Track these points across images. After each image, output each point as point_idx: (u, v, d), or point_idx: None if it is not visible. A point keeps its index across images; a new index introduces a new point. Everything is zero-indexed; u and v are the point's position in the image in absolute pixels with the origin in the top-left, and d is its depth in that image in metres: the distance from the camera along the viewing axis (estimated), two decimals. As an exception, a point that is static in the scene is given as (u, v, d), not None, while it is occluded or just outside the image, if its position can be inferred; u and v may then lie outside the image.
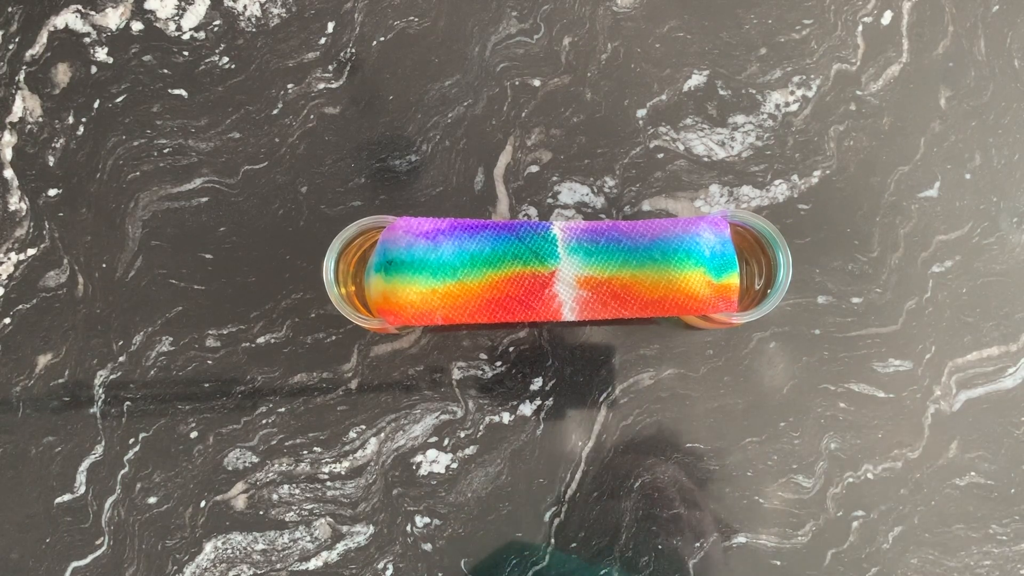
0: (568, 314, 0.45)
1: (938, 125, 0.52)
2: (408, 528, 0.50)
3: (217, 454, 0.50)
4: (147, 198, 0.51)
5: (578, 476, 0.51)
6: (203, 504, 0.50)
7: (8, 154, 0.51)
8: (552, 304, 0.45)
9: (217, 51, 0.52)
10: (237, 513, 0.50)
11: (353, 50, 0.52)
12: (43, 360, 0.51)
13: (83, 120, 0.51)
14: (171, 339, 0.51)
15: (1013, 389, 0.51)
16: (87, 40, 0.52)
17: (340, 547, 0.50)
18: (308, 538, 0.50)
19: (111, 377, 0.51)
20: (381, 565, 0.50)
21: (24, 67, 0.52)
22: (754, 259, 0.47)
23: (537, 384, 0.51)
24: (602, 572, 0.50)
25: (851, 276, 0.51)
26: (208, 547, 0.50)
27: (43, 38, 0.52)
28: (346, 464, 0.50)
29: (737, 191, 0.51)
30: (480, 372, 0.51)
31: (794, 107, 0.52)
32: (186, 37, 0.52)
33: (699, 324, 0.49)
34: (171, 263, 0.51)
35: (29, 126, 0.51)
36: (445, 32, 0.52)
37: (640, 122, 0.52)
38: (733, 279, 0.44)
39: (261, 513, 0.50)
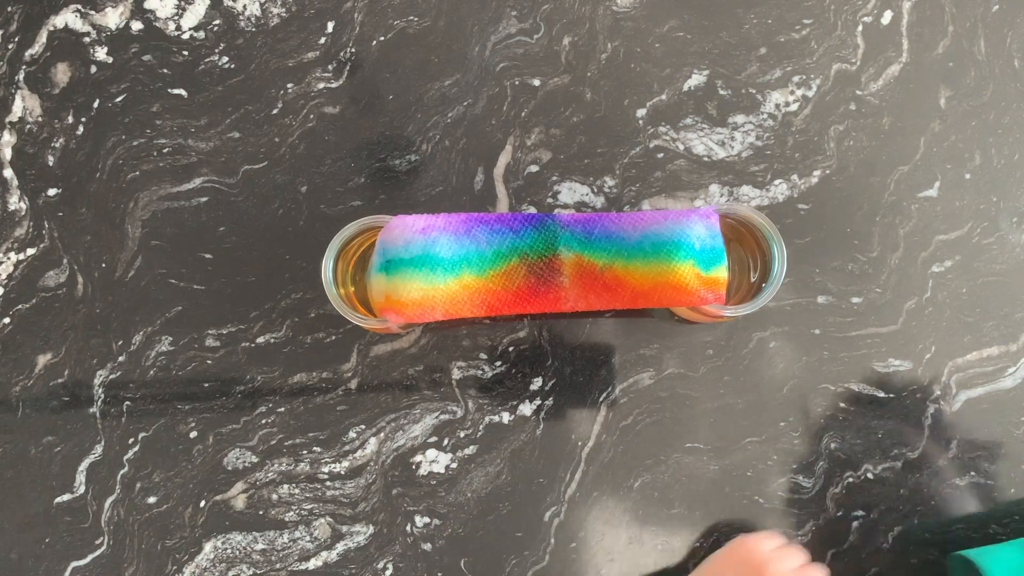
0: (562, 305, 0.46)
1: (938, 125, 0.52)
2: (408, 528, 0.50)
3: (217, 454, 0.50)
4: (147, 198, 0.51)
5: (578, 476, 0.50)
6: (203, 504, 0.50)
7: (8, 154, 0.51)
8: (547, 295, 0.46)
9: (217, 51, 0.52)
10: (237, 513, 0.50)
11: (353, 50, 0.52)
12: (43, 360, 0.51)
13: (83, 120, 0.51)
14: (171, 339, 0.51)
15: (1013, 389, 0.51)
16: (87, 40, 0.52)
17: (340, 547, 0.50)
18: (308, 538, 0.50)
19: (111, 377, 0.51)
20: (381, 565, 0.50)
21: (24, 67, 0.52)
22: (749, 253, 0.47)
23: (537, 384, 0.51)
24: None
25: (851, 276, 0.51)
26: (208, 547, 0.50)
27: (43, 38, 0.52)
28: (346, 464, 0.50)
29: (737, 191, 0.51)
30: (480, 372, 0.51)
31: (794, 107, 0.52)
32: (186, 37, 0.52)
33: (691, 316, 0.49)
34: (171, 263, 0.51)
35: (29, 126, 0.51)
36: (445, 32, 0.52)
37: (640, 122, 0.52)
38: (721, 272, 0.44)
39: (261, 513, 0.50)
